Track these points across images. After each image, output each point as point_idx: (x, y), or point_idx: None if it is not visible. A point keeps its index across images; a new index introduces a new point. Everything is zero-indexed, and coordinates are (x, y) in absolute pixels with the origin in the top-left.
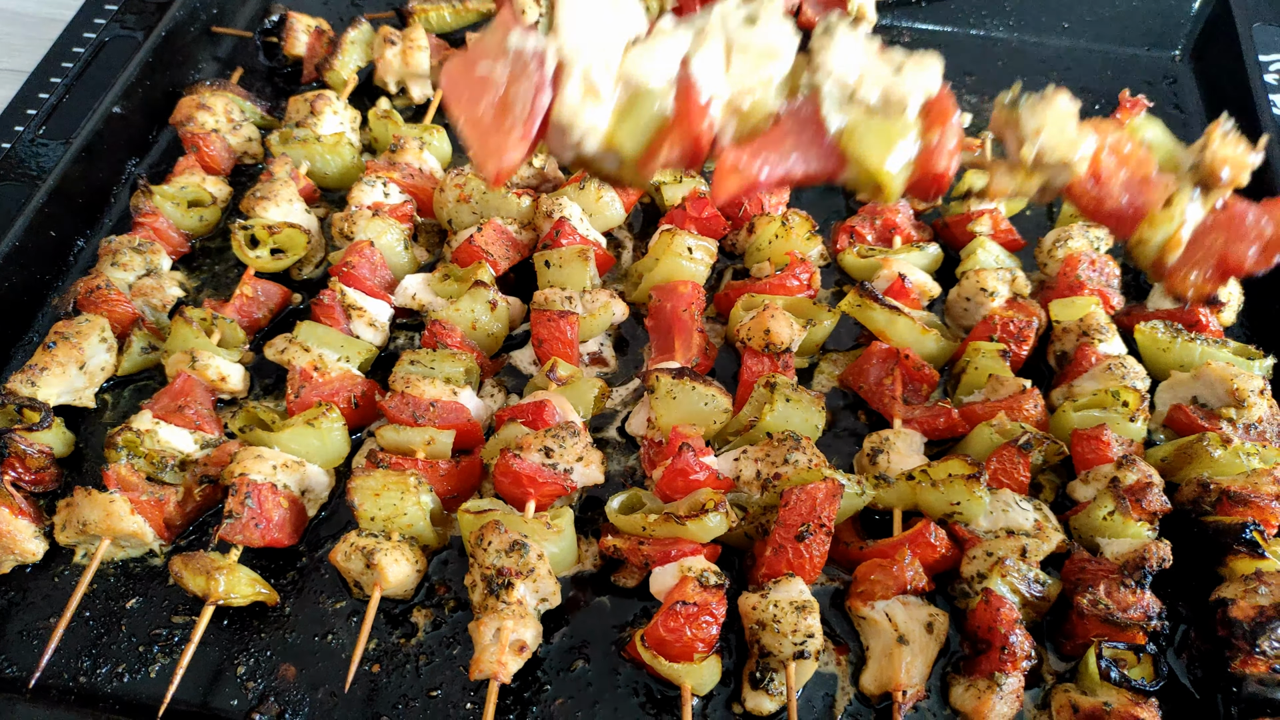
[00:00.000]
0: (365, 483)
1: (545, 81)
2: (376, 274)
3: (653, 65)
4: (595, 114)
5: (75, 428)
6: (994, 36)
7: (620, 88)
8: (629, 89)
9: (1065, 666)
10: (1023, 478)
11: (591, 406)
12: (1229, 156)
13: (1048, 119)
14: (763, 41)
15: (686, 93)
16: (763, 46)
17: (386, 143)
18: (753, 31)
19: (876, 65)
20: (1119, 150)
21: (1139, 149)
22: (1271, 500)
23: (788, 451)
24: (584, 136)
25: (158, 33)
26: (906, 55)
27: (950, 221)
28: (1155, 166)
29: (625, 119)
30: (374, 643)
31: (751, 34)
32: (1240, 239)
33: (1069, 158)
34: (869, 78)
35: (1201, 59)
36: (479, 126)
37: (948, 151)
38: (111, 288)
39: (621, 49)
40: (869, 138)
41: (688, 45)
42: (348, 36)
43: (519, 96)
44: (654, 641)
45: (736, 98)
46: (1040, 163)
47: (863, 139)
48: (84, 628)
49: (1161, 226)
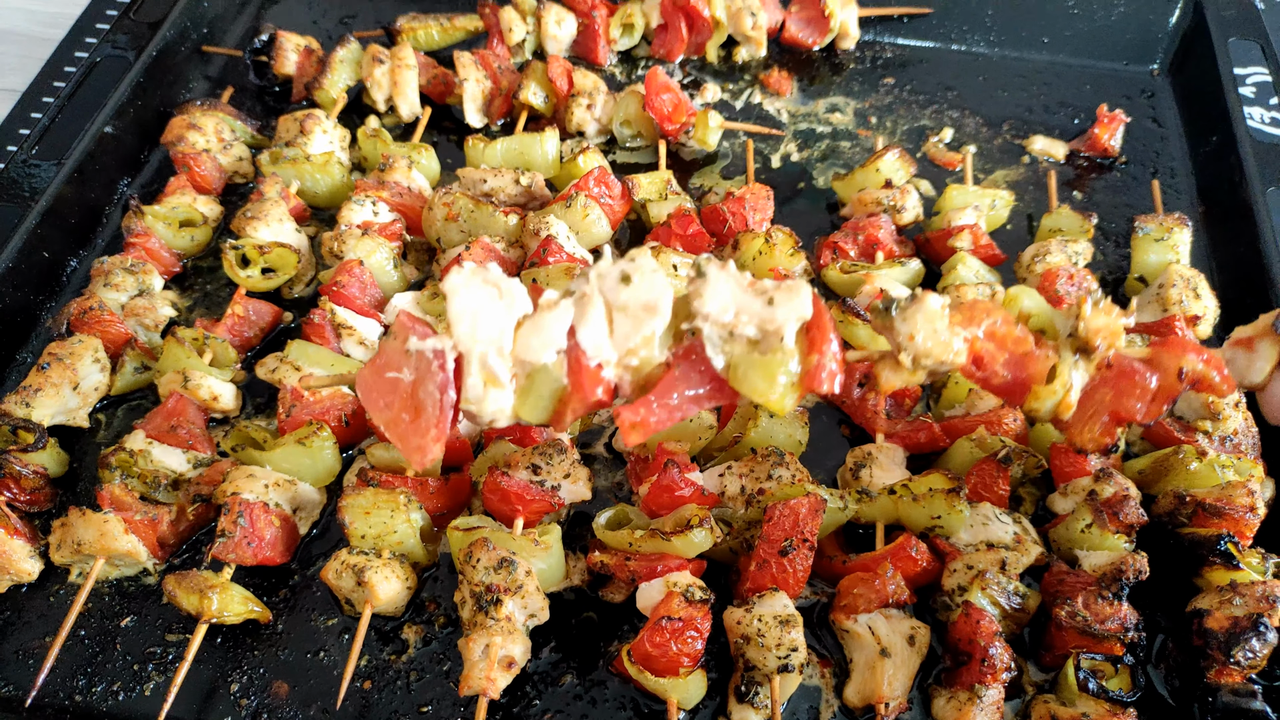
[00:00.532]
0: (355, 501)
1: (449, 380)
2: (366, 292)
3: (542, 342)
4: (499, 398)
5: (69, 447)
6: (975, 52)
7: (517, 368)
8: (525, 368)
9: (1045, 677)
10: (1002, 491)
11: (578, 424)
12: (1101, 327)
13: (918, 324)
14: (640, 299)
15: (578, 362)
16: (641, 304)
17: (376, 161)
18: (629, 290)
19: (749, 301)
20: (996, 335)
21: (1013, 331)
22: (1246, 512)
23: (771, 467)
24: (494, 418)
25: (149, 53)
26: (776, 287)
27: (932, 236)
28: (1032, 342)
29: (527, 396)
30: (365, 659)
31: (629, 293)
32: (1128, 394)
33: (944, 357)
34: (744, 314)
35: (1179, 73)
36: (398, 428)
37: (829, 372)
38: (104, 308)
39: (512, 331)
40: (751, 373)
41: (571, 315)
42: (336, 55)
43: (428, 396)
44: (640, 656)
45: (625, 357)
46: (919, 364)
47: (746, 375)
48: (79, 646)
49: (1048, 398)
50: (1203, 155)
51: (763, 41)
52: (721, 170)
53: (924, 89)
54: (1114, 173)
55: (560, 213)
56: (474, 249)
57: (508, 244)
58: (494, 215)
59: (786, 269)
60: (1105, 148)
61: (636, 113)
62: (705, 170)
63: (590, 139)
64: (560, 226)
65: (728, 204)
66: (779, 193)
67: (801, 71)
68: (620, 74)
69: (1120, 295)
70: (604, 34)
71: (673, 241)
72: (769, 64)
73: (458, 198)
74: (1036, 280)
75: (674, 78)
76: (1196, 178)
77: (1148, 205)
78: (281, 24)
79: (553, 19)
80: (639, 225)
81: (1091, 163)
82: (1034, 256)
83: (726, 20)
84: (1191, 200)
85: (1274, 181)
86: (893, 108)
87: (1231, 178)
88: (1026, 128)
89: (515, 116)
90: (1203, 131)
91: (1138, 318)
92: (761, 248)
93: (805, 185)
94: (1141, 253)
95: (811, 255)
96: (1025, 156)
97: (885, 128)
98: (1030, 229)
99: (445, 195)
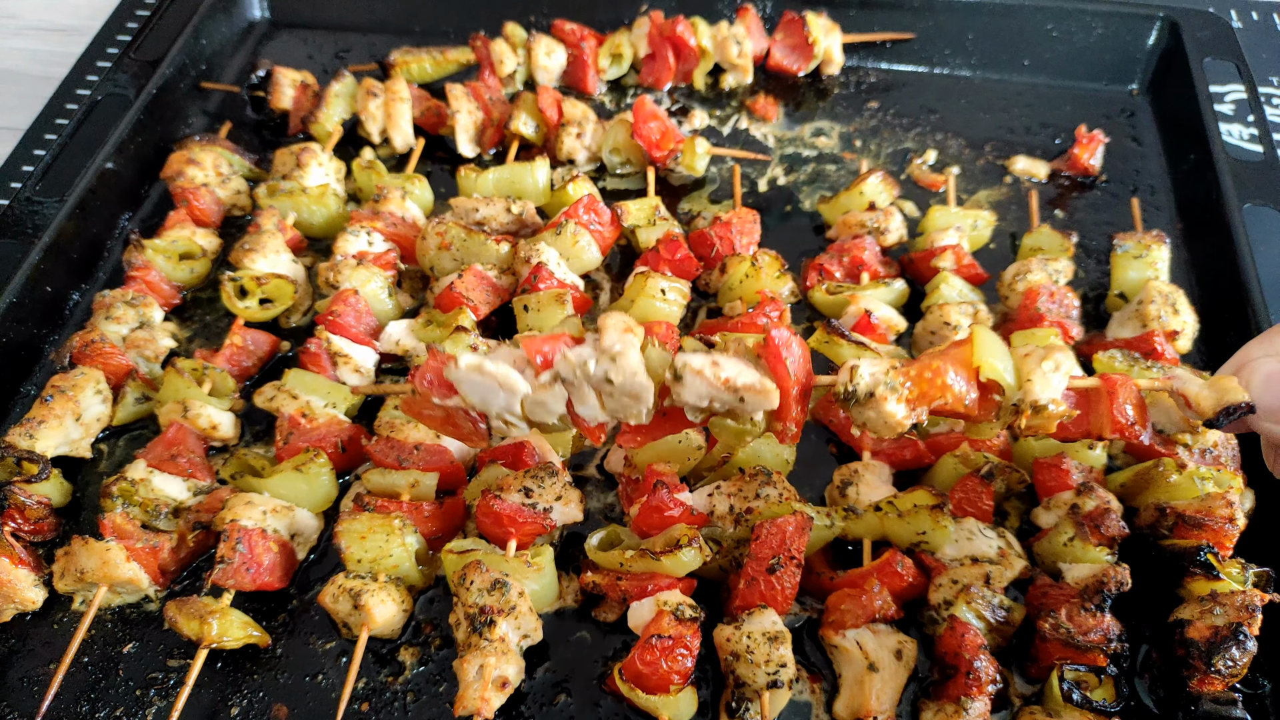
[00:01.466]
0: (351, 526)
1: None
2: (361, 321)
3: (545, 412)
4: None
5: (72, 478)
6: (957, 75)
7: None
8: (535, 423)
9: (1031, 689)
10: (986, 506)
11: (570, 446)
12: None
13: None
14: (625, 391)
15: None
16: (627, 393)
17: (370, 192)
18: (614, 387)
19: (723, 395)
20: (944, 410)
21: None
22: (1225, 523)
23: (759, 486)
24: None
25: (148, 90)
26: (748, 386)
27: (915, 257)
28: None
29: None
30: (363, 682)
31: (614, 388)
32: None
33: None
34: (718, 402)
35: (1158, 93)
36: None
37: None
38: (105, 341)
39: (519, 403)
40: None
41: (565, 395)
42: (331, 89)
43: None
44: (631, 674)
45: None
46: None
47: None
48: (82, 673)
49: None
50: (1181, 173)
51: (749, 69)
52: (710, 195)
53: (907, 112)
54: (1095, 191)
55: (551, 240)
56: (466, 276)
57: (500, 271)
58: (486, 243)
59: (774, 291)
60: (1085, 167)
61: (625, 140)
62: (694, 195)
63: (580, 167)
64: (551, 253)
65: (715, 228)
66: (766, 216)
67: (787, 97)
68: (610, 103)
69: (1101, 312)
70: (593, 64)
71: (661, 266)
72: (755, 90)
73: (450, 227)
74: (1019, 298)
75: (662, 105)
76: (1175, 195)
77: (1128, 223)
78: (278, 60)
79: (542, 50)
80: (629, 250)
81: (1073, 182)
82: (1015, 275)
83: (713, 49)
84: (1171, 217)
85: (1250, 198)
86: (877, 131)
87: (1209, 194)
88: (1008, 148)
89: (507, 146)
90: (1181, 150)
91: (1118, 334)
92: (748, 270)
93: (792, 208)
94: (1121, 270)
95: (798, 277)
96: (1008, 177)
97: (870, 151)
98: (1013, 248)
99: (438, 225)
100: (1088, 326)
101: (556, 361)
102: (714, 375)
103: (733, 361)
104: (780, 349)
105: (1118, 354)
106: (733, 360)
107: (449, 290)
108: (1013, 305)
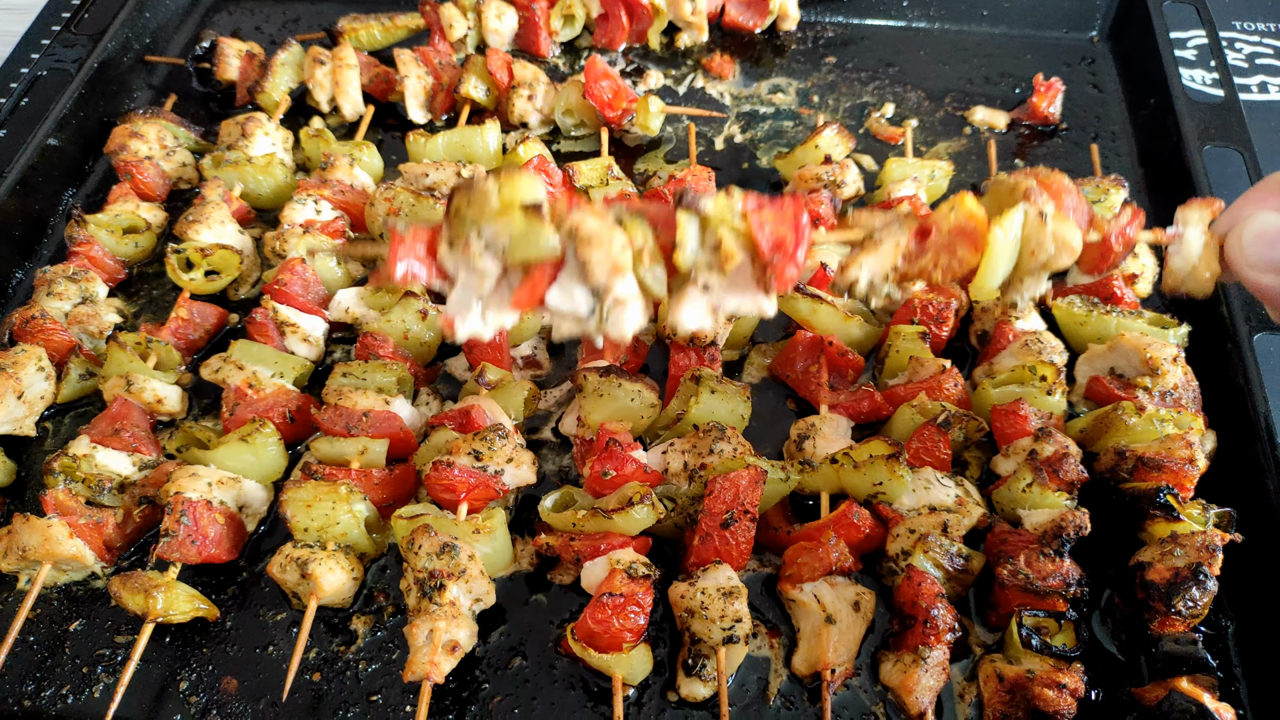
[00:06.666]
0: (297, 494)
1: None
2: (309, 290)
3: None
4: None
5: (17, 456)
6: (915, 27)
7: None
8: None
9: (993, 638)
10: (944, 455)
11: (523, 409)
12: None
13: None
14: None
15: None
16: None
17: (319, 161)
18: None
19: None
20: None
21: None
22: (1185, 464)
23: (713, 442)
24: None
25: (90, 64)
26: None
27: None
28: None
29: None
30: (315, 652)
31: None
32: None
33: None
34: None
35: (1118, 39)
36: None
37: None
38: (47, 317)
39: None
40: None
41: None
42: (278, 59)
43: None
44: (583, 634)
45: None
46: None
47: None
48: (28, 652)
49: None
50: (1141, 118)
51: (704, 26)
52: (665, 155)
53: (865, 66)
54: (1055, 140)
55: None
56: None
57: None
58: (435, 208)
59: None
60: (1045, 115)
61: (578, 102)
62: (649, 155)
63: (534, 130)
64: None
65: (669, 187)
66: (723, 174)
67: (744, 54)
68: (564, 65)
69: None
70: (545, 26)
71: None
72: (711, 49)
73: (399, 192)
74: None
75: (616, 66)
76: (1136, 141)
77: (1088, 170)
78: (225, 31)
79: (493, 13)
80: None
81: (1033, 131)
82: None
83: (666, 7)
84: (1132, 163)
85: (1211, 139)
86: (835, 86)
87: (1170, 138)
88: (968, 99)
89: (459, 111)
90: (1141, 95)
91: (1077, 280)
92: None
93: (749, 165)
94: None
95: None
96: (967, 128)
97: (828, 106)
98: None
99: (386, 190)
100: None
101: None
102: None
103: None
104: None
105: (1077, 299)
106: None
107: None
108: None
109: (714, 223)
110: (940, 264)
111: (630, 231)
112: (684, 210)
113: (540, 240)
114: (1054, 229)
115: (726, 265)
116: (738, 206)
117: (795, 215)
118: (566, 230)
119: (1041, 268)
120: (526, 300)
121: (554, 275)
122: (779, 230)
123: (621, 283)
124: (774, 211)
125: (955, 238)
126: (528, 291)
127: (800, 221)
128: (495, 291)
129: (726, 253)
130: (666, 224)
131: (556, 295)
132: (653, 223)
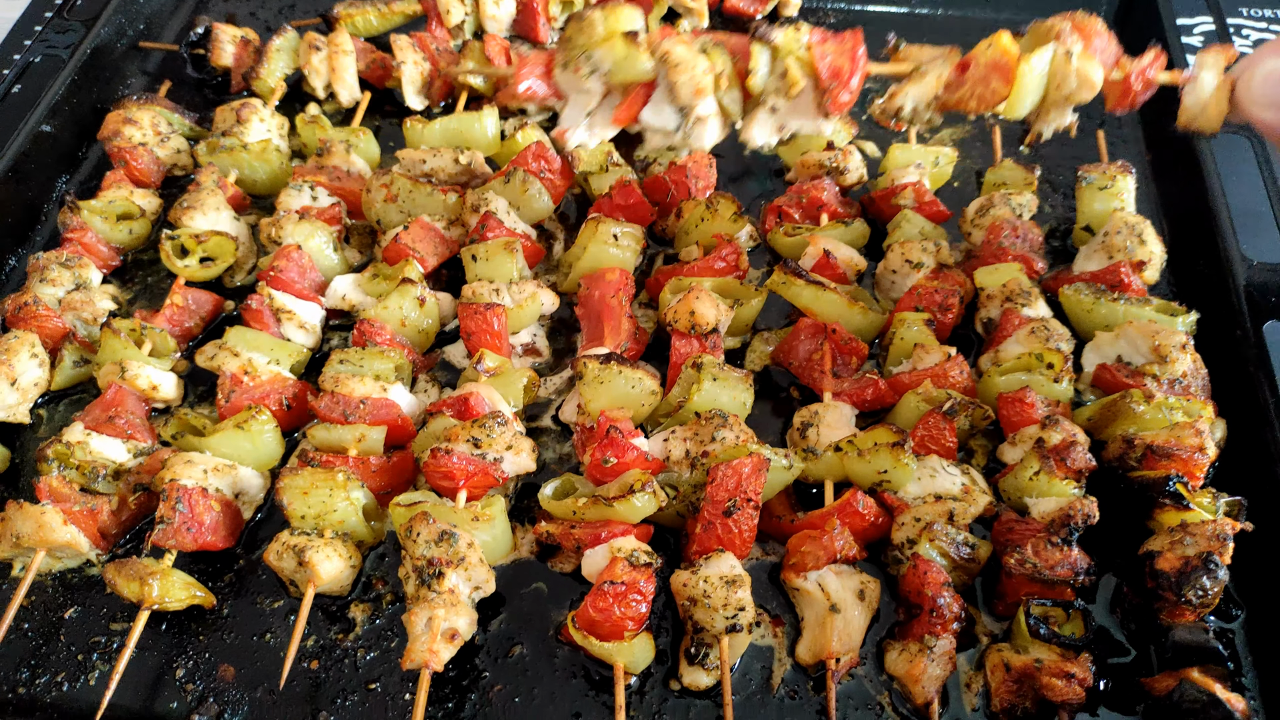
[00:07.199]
0: (293, 481)
1: None
2: (306, 277)
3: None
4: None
5: (10, 444)
6: (919, 12)
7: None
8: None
9: (1000, 627)
10: (949, 443)
11: (522, 396)
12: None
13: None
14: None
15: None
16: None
17: (315, 147)
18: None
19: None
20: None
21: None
22: (1194, 452)
23: (715, 429)
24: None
25: (83, 50)
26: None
27: (876, 196)
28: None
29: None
30: (313, 640)
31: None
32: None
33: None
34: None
35: (1124, 24)
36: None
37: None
38: (40, 303)
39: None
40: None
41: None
42: (273, 45)
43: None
44: (584, 622)
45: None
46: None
47: None
48: (23, 640)
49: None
50: (1148, 104)
51: (704, 12)
52: None
53: (869, 51)
54: None
55: (499, 188)
56: (413, 228)
57: (448, 222)
58: (433, 194)
59: (730, 234)
60: None
61: None
62: None
63: (532, 116)
64: (500, 202)
65: (670, 173)
66: (726, 161)
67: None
68: None
69: (1069, 248)
70: (543, 11)
71: (615, 213)
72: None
73: (396, 178)
74: (982, 234)
75: None
76: (1143, 127)
77: (1094, 157)
78: (220, 17)
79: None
80: (584, 199)
81: None
82: (978, 211)
83: None
84: (1139, 150)
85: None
86: None
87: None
88: None
89: (456, 97)
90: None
91: (1084, 267)
92: (704, 214)
93: (750, 153)
94: (1087, 202)
95: (757, 220)
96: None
97: None
98: (977, 185)
99: (383, 176)
100: (1054, 261)
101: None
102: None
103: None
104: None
105: (1084, 287)
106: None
107: (395, 242)
108: (976, 241)
109: (782, 53)
110: (975, 93)
111: (712, 58)
112: (758, 41)
113: (636, 64)
114: (1078, 66)
115: (792, 90)
116: (804, 39)
117: (854, 48)
118: (659, 56)
119: (1065, 100)
120: (625, 116)
121: (648, 96)
122: (838, 61)
123: (703, 103)
124: (835, 44)
125: (990, 70)
126: (626, 109)
127: (856, 53)
128: (599, 108)
129: (792, 79)
130: (743, 53)
131: (650, 113)
132: (731, 52)
